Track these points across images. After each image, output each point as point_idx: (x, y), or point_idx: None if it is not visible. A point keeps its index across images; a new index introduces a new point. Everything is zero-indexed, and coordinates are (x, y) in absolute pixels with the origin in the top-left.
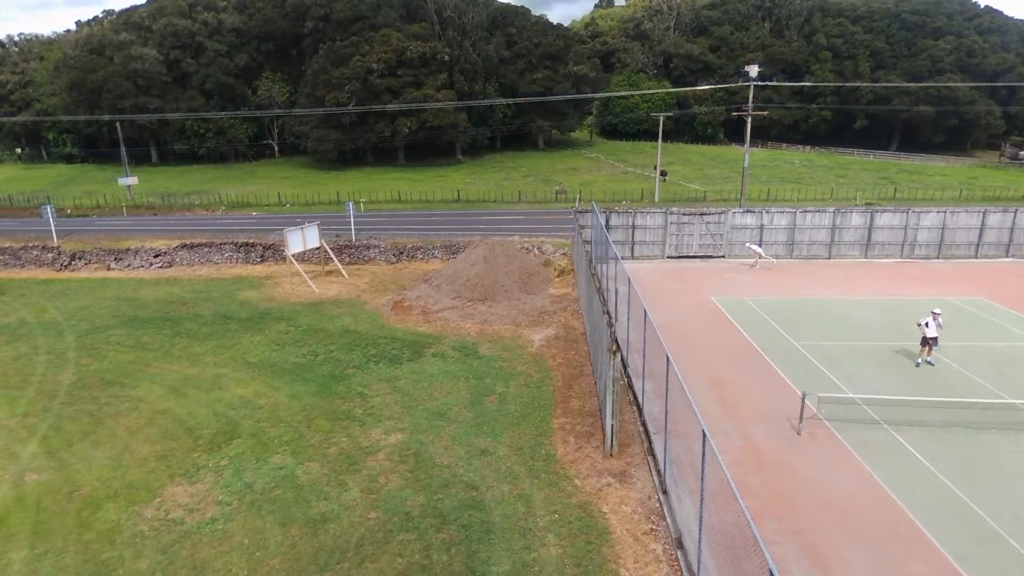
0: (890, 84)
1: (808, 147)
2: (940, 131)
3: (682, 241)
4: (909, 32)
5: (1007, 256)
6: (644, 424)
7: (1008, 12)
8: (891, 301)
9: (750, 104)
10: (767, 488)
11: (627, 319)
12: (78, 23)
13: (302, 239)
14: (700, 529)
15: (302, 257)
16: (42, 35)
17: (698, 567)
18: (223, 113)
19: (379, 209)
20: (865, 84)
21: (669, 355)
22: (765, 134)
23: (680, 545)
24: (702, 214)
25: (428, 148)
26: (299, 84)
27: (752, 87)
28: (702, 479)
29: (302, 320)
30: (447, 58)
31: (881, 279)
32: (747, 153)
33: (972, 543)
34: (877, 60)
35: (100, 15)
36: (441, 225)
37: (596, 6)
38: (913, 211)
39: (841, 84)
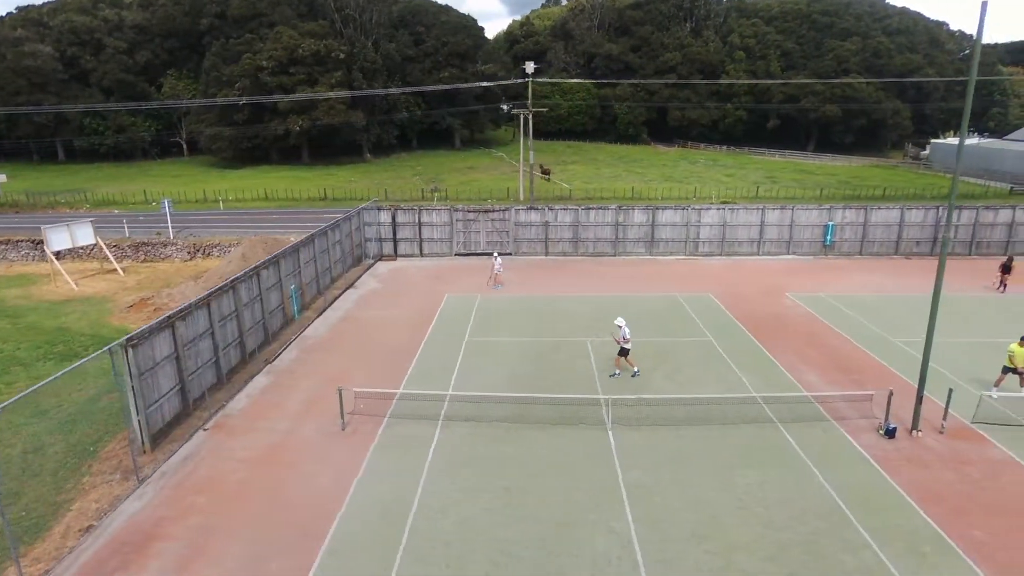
0: (791, 81)
1: (725, 147)
2: (850, 131)
3: (469, 239)
4: (818, 33)
5: (788, 253)
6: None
7: (927, 13)
8: (617, 298)
9: (529, 101)
10: (244, 485)
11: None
12: None
13: (69, 236)
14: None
15: (88, 254)
16: None
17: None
18: (105, 106)
19: (243, 207)
20: (764, 81)
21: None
22: (686, 133)
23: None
24: (487, 211)
25: (336, 147)
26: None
27: (530, 83)
28: None
29: (28, 318)
30: (342, 56)
31: (635, 277)
32: (532, 150)
33: (366, 541)
34: (788, 60)
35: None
36: (272, 223)
37: (543, 5)
38: (693, 209)
39: (734, 80)
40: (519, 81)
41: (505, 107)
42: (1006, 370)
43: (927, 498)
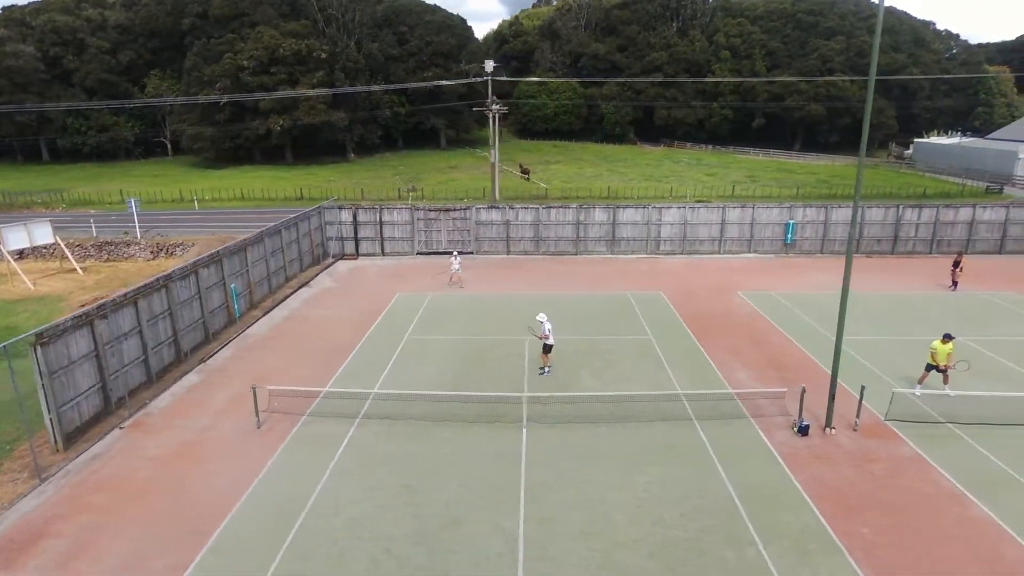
0: (776, 80)
1: (710, 146)
2: (835, 130)
3: (431, 237)
4: (803, 32)
5: (749, 252)
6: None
7: (912, 12)
8: (569, 297)
9: (490, 99)
10: (147, 483)
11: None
12: None
13: (27, 236)
14: None
15: (51, 253)
16: None
17: None
18: (88, 105)
19: (219, 207)
20: (749, 80)
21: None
22: (672, 133)
23: None
24: (447, 210)
25: (319, 147)
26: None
27: (490, 82)
28: None
29: None
30: (324, 55)
31: (592, 276)
32: (495, 148)
33: (252, 539)
34: (773, 60)
35: None
36: (242, 223)
37: (533, 5)
38: (654, 207)
39: (720, 79)
40: (479, 79)
41: (496, 106)
42: (929, 367)
43: (824, 495)
